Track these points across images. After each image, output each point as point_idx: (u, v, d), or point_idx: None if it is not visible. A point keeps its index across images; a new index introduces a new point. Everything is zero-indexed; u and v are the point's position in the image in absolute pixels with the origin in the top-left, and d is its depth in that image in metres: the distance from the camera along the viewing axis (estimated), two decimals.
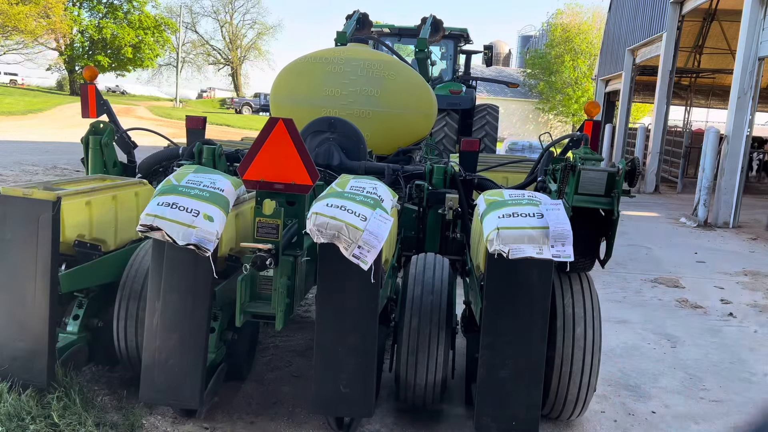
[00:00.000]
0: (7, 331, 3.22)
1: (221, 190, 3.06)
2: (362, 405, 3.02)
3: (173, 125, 24.16)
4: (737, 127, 11.13)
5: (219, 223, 2.89)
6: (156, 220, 2.80)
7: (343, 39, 7.13)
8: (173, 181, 3.02)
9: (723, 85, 23.83)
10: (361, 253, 2.76)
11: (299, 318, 5.14)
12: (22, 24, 37.51)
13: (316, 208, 2.84)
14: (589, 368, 3.29)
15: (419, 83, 5.76)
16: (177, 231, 2.79)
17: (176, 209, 2.83)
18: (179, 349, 3.05)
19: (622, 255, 8.26)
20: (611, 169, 3.29)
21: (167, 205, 2.84)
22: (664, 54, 15.89)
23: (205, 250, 2.81)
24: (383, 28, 11.35)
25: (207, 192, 2.99)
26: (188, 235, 2.80)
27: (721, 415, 3.94)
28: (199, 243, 2.80)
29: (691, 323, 5.74)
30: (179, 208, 2.84)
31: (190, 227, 2.81)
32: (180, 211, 2.83)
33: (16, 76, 53.42)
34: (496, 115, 11.46)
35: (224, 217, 2.95)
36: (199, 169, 3.24)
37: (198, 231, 2.81)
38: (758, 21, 10.99)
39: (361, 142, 4.86)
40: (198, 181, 3.05)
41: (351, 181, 3.19)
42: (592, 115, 4.53)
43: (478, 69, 28.64)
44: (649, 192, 16.25)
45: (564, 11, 39.19)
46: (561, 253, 2.80)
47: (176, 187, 2.97)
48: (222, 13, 58.17)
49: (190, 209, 2.85)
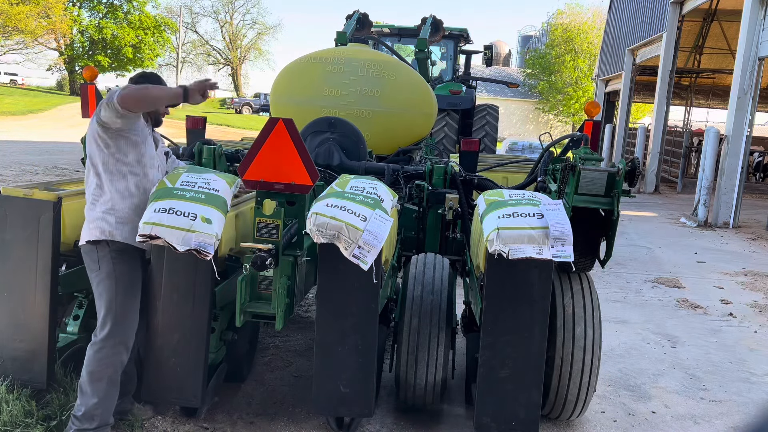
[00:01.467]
0: (7, 331, 3.22)
1: (216, 190, 3.03)
2: (362, 405, 3.02)
3: (173, 125, 24.13)
4: (737, 127, 11.13)
5: (218, 225, 2.87)
6: (154, 228, 2.77)
7: (343, 39, 7.13)
8: (167, 183, 2.99)
9: (723, 85, 23.84)
10: (360, 254, 2.76)
11: (299, 318, 5.14)
12: (22, 24, 37.49)
13: (316, 209, 2.83)
14: (589, 368, 3.29)
15: (419, 83, 5.76)
16: (176, 237, 2.77)
17: (173, 214, 2.80)
18: (181, 347, 3.06)
19: (622, 255, 8.27)
20: (611, 169, 3.29)
21: (164, 211, 2.81)
22: (664, 54, 15.89)
23: (206, 254, 2.79)
24: (383, 28, 11.34)
25: (202, 193, 2.97)
26: (188, 239, 2.78)
27: (721, 415, 3.94)
28: (199, 247, 2.78)
29: (691, 323, 5.74)
30: (176, 212, 2.81)
31: (189, 231, 2.78)
32: (177, 216, 2.80)
33: (16, 76, 53.39)
34: (496, 115, 11.46)
35: (222, 218, 2.93)
36: (192, 168, 3.20)
37: (197, 235, 2.78)
38: (758, 21, 10.99)
39: (361, 142, 4.86)
40: (192, 182, 3.02)
41: (351, 181, 3.19)
42: (592, 115, 4.54)
43: (478, 69, 28.66)
44: (649, 192, 16.25)
45: (564, 11, 39.22)
46: (561, 253, 2.80)
47: (171, 191, 2.94)
48: (222, 13, 58.12)
49: (187, 213, 2.82)
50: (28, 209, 3.16)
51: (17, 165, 12.57)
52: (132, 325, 2.99)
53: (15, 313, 3.20)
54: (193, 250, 2.77)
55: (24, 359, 3.21)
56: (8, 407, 3.06)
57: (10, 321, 3.21)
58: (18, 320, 3.20)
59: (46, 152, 15.38)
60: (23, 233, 3.16)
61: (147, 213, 2.83)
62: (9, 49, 42.00)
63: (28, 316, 3.19)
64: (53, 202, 3.16)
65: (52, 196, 3.19)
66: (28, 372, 3.21)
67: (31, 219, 3.15)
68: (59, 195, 3.22)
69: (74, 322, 3.55)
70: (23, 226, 3.16)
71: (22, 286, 3.18)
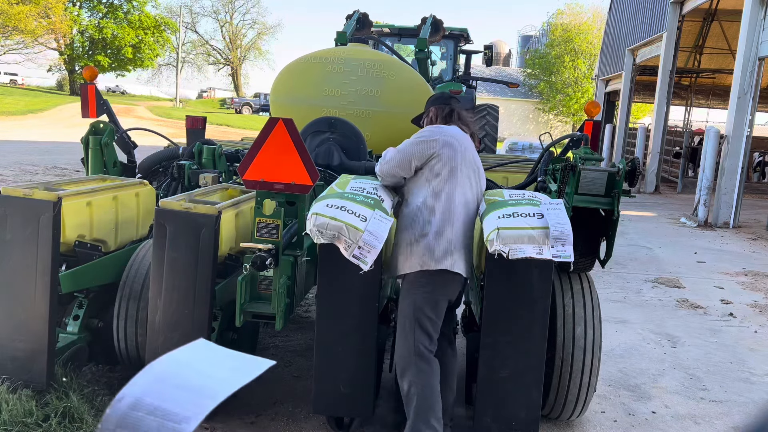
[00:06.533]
0: (7, 332, 3.22)
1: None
2: (362, 405, 3.02)
3: (173, 125, 24.16)
4: (737, 127, 11.12)
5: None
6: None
7: (343, 39, 7.12)
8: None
9: (723, 85, 23.84)
10: (361, 254, 2.76)
11: (299, 318, 5.14)
12: (22, 24, 37.51)
13: (316, 209, 2.82)
14: (589, 368, 3.29)
15: (419, 83, 5.75)
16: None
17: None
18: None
19: (623, 255, 8.26)
20: (611, 169, 3.29)
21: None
22: (664, 54, 15.89)
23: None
24: (383, 28, 11.33)
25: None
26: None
27: (721, 415, 3.94)
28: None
29: (692, 323, 5.74)
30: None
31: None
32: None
33: (16, 76, 53.42)
34: (496, 115, 11.46)
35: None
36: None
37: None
38: (758, 21, 10.98)
39: (361, 142, 4.85)
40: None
41: (351, 181, 3.19)
42: (592, 115, 4.53)
43: (478, 69, 28.64)
44: (649, 192, 16.25)
45: (564, 11, 39.21)
46: (561, 253, 2.80)
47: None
48: (222, 13, 58.14)
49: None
50: (28, 209, 3.16)
51: (17, 165, 12.57)
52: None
53: (15, 313, 3.20)
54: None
55: (24, 359, 3.21)
56: (8, 407, 3.06)
57: (10, 321, 3.21)
58: (18, 320, 3.20)
59: (46, 152, 15.38)
60: (23, 233, 3.16)
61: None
62: (9, 49, 42.02)
63: (28, 316, 3.19)
64: (53, 202, 3.16)
65: (52, 196, 3.19)
66: (28, 372, 3.21)
67: (31, 219, 3.15)
68: (59, 195, 3.22)
69: (74, 322, 3.56)
70: (23, 226, 3.16)
71: (22, 286, 3.18)
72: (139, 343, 3.40)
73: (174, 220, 3.07)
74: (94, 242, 3.56)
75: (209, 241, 3.06)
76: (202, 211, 3.10)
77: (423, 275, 3.00)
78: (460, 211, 3.07)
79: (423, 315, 3.00)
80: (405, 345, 3.01)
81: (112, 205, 3.70)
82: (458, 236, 3.04)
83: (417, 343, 2.98)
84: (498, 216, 2.93)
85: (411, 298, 3.02)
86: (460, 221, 3.07)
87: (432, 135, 3.09)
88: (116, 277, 3.54)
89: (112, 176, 4.27)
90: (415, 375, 2.96)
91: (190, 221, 3.07)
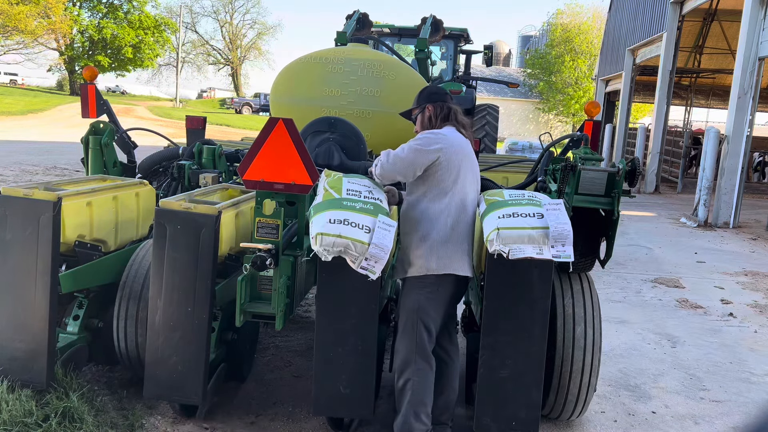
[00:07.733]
0: (7, 332, 3.22)
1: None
2: (362, 405, 3.02)
3: (173, 125, 24.17)
4: (737, 127, 11.12)
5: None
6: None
7: (343, 39, 7.12)
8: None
9: (723, 85, 23.84)
10: (368, 265, 2.76)
11: (299, 318, 5.14)
12: (22, 24, 37.52)
13: (319, 228, 2.76)
14: (589, 368, 3.29)
15: (419, 83, 5.75)
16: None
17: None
18: (182, 346, 3.06)
19: (623, 255, 8.26)
20: (611, 169, 3.29)
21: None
22: (664, 54, 15.89)
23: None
24: (383, 28, 11.33)
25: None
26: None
27: (721, 415, 3.94)
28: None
29: (692, 323, 5.74)
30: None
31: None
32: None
33: (16, 76, 53.43)
34: (496, 115, 11.45)
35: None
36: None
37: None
38: (758, 21, 10.98)
39: (361, 142, 4.85)
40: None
41: (344, 182, 3.10)
42: (592, 115, 4.53)
43: (478, 69, 28.66)
44: (649, 192, 16.25)
45: (564, 11, 39.20)
46: (561, 253, 2.80)
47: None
48: (222, 13, 58.16)
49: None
50: (28, 209, 3.16)
51: (17, 165, 12.57)
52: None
53: (15, 313, 3.20)
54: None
55: (24, 359, 3.21)
56: (8, 407, 3.06)
57: (10, 321, 3.21)
58: (18, 320, 3.20)
59: (46, 152, 15.38)
60: (23, 233, 3.16)
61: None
62: (9, 49, 42.04)
63: (28, 316, 3.19)
64: (53, 202, 3.16)
65: (52, 196, 3.19)
66: (28, 372, 3.21)
67: (31, 219, 3.15)
68: (59, 195, 3.22)
69: (74, 322, 3.55)
70: (23, 226, 3.16)
71: (22, 286, 3.18)
72: (139, 343, 3.40)
73: (174, 220, 3.07)
74: (94, 242, 3.56)
75: (209, 241, 3.06)
76: (202, 211, 3.10)
77: (428, 276, 3.05)
78: (463, 215, 3.11)
79: (426, 315, 3.05)
80: (406, 343, 3.06)
81: (112, 205, 3.70)
82: (462, 239, 3.09)
83: (418, 342, 3.03)
84: (498, 216, 2.93)
85: (415, 298, 3.06)
86: (464, 225, 3.11)
87: (434, 143, 3.10)
88: (116, 277, 3.54)
89: (112, 176, 4.27)
90: (413, 373, 3.03)
91: (190, 221, 3.07)
